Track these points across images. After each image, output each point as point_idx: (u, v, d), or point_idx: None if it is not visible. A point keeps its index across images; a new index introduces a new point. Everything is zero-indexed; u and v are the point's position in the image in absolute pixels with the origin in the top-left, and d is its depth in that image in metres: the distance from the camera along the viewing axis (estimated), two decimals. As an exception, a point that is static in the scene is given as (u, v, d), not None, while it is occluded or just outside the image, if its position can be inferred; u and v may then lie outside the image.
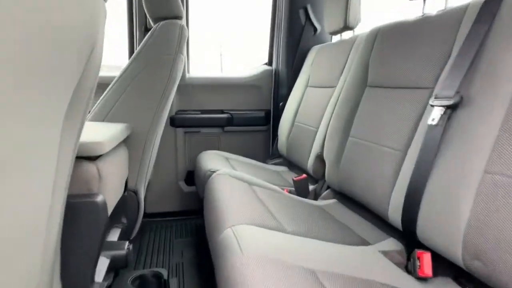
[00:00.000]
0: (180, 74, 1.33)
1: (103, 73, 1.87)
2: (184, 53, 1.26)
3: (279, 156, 1.96)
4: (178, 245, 1.65)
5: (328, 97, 1.52)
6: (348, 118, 1.27)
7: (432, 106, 0.85)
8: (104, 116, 1.12)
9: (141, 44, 1.19)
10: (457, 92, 0.80)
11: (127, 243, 0.95)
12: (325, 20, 1.68)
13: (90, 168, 0.78)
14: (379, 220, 1.08)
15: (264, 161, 1.98)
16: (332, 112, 1.43)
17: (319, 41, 1.95)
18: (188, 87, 1.94)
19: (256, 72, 2.07)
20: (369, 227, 1.08)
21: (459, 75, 0.82)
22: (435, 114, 0.83)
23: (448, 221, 0.75)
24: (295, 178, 1.41)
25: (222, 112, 2.01)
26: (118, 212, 1.10)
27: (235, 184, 1.15)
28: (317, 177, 1.48)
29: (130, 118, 1.14)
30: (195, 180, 1.55)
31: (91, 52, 0.49)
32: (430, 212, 0.81)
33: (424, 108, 0.94)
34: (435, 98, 0.85)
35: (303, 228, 0.94)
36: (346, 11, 1.50)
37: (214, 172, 1.36)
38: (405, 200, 0.89)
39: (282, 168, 1.83)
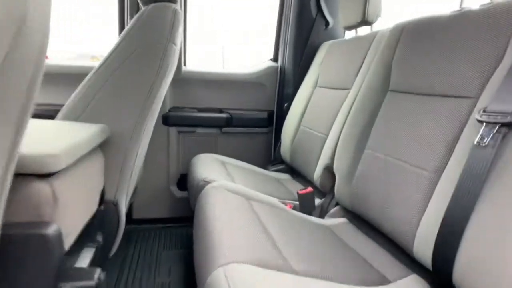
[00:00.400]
0: (174, 67, 1.16)
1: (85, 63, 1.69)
2: (177, 43, 1.08)
3: (282, 162, 1.79)
4: (166, 258, 1.48)
5: (341, 101, 1.35)
6: (365, 127, 1.10)
7: (480, 122, 0.68)
8: (78, 115, 0.94)
9: (126, 29, 1.01)
10: None
11: (98, 270, 0.78)
12: (341, 13, 1.50)
13: (41, 188, 0.59)
14: (398, 250, 0.91)
15: (264, 167, 1.81)
16: (346, 118, 1.26)
17: (331, 36, 1.77)
18: (184, 82, 1.77)
19: (259, 69, 1.89)
20: (386, 258, 0.92)
21: None
22: (484, 132, 0.66)
23: (503, 266, 0.58)
24: (300, 192, 1.24)
25: (220, 111, 1.84)
26: (90, 231, 0.93)
27: (231, 200, 0.98)
28: (325, 190, 1.32)
29: (109, 118, 0.96)
30: (187, 188, 1.39)
31: (19, 28, 0.33)
32: (475, 252, 0.64)
33: (465, 122, 0.77)
34: (484, 112, 0.68)
35: (314, 264, 0.77)
36: (366, 3, 1.32)
37: (208, 182, 1.19)
38: (439, 234, 0.72)
39: (285, 176, 1.66)
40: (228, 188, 1.05)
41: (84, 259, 0.88)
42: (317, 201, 1.32)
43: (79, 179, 0.73)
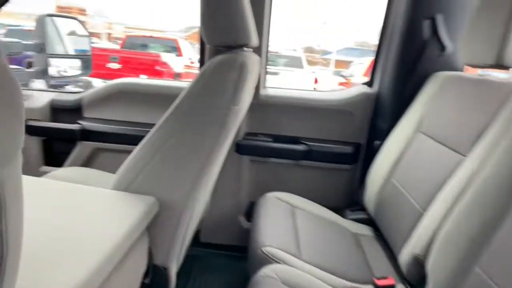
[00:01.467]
0: (237, 124, 1.01)
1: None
2: (242, 101, 0.92)
3: (363, 208, 1.53)
4: None
5: (450, 168, 1.03)
6: (484, 228, 0.79)
7: None
8: (128, 184, 0.87)
9: (188, 88, 0.89)
10: None
11: None
12: (464, 44, 1.14)
13: None
14: None
15: (343, 211, 1.57)
16: (454, 199, 0.95)
17: (447, 64, 1.39)
18: (262, 107, 1.61)
19: (350, 95, 1.61)
20: None
21: None
22: None
23: None
24: (377, 282, 1.00)
25: (298, 140, 1.64)
26: None
27: None
28: (411, 281, 1.05)
29: (160, 188, 0.87)
30: (248, 248, 1.26)
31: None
32: None
33: None
34: None
35: None
36: (504, 40, 0.95)
37: (266, 257, 1.04)
38: None
39: (365, 231, 1.41)
40: (284, 279, 0.89)
41: None
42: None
43: None
